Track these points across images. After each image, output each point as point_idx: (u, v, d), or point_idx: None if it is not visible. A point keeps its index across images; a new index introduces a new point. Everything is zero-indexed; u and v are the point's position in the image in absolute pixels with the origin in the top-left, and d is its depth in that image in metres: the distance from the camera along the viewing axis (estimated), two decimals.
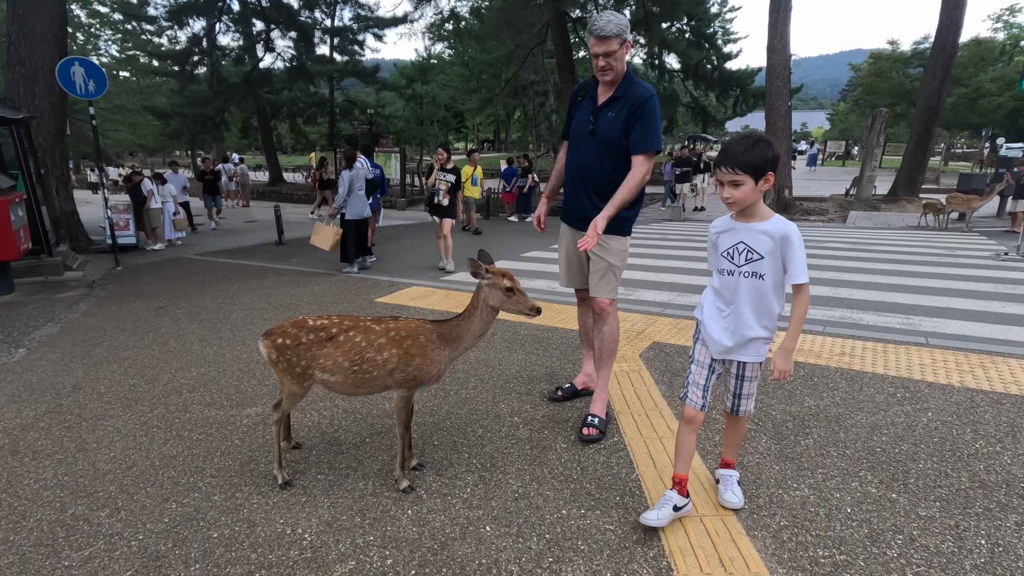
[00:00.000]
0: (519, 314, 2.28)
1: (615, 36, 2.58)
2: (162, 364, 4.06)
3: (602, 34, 2.58)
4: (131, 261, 8.68)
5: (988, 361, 3.75)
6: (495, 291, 2.26)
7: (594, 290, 2.91)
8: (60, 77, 7.52)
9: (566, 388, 3.31)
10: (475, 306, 2.31)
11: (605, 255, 2.84)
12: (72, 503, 2.39)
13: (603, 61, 2.64)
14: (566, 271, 3.14)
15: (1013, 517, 2.15)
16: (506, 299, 2.25)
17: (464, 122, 50.05)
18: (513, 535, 2.12)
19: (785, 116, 14.19)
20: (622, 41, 2.61)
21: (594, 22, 2.59)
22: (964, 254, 8.25)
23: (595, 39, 2.60)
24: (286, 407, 2.44)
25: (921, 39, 31.45)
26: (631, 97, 2.66)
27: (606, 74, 2.68)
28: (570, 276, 3.13)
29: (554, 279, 6.72)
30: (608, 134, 2.72)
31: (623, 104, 2.68)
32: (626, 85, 2.70)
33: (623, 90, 2.70)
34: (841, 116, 55.28)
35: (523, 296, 2.27)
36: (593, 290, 2.92)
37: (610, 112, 2.72)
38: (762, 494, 2.34)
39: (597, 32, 2.59)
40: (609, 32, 2.57)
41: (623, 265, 2.91)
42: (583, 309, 3.23)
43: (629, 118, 2.66)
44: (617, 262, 2.86)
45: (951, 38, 14.49)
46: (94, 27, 25.92)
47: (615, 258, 2.85)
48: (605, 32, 2.57)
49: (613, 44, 2.59)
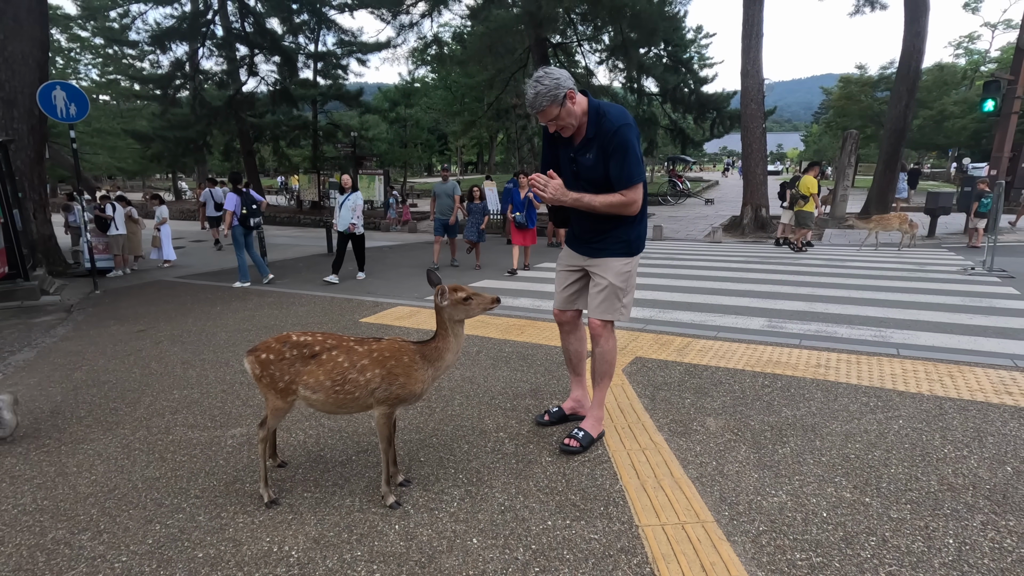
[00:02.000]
0: (484, 313, 2.42)
1: (547, 106, 2.50)
2: (143, 387, 4.02)
3: (535, 110, 2.54)
4: (110, 285, 8.58)
5: (956, 370, 3.89)
6: (457, 306, 2.35)
7: (593, 312, 2.83)
8: (41, 101, 7.51)
9: (554, 412, 3.22)
10: (444, 325, 2.38)
11: (604, 274, 2.78)
12: (52, 527, 2.36)
13: (553, 127, 2.62)
14: (561, 294, 3.03)
15: (979, 517, 2.24)
16: (468, 307, 2.36)
17: (447, 144, 50.50)
18: (500, 546, 2.14)
19: (760, 138, 14.63)
20: (560, 101, 2.51)
21: (524, 99, 2.56)
22: (933, 269, 8.53)
23: (534, 113, 2.57)
24: (271, 424, 2.45)
25: (887, 64, 32.75)
26: (604, 134, 2.57)
27: (565, 132, 2.64)
28: (565, 299, 3.02)
29: (538, 297, 6.80)
30: (592, 176, 2.66)
31: (598, 144, 2.60)
32: (594, 123, 2.60)
33: (593, 130, 2.61)
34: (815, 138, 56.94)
35: (479, 297, 2.38)
36: (592, 312, 2.83)
37: (588, 154, 2.65)
38: (742, 501, 2.40)
39: (530, 110, 2.56)
40: (539, 106, 2.51)
41: (627, 287, 2.81)
42: (565, 333, 3.11)
43: (606, 157, 2.59)
44: (619, 283, 2.77)
45: (914, 64, 15.16)
46: (74, 51, 25.85)
47: (616, 279, 2.77)
48: (537, 108, 2.52)
49: (551, 112, 2.52)
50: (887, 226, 11.25)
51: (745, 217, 14.90)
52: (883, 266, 8.92)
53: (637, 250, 2.83)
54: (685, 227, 16.56)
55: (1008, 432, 2.96)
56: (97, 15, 21.62)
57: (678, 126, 23.81)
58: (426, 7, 19.07)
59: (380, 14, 19.50)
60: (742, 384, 3.74)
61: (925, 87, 27.60)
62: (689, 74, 21.83)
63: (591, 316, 2.86)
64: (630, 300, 2.87)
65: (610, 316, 2.81)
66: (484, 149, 54.06)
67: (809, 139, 63.15)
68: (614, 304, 2.80)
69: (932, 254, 10.54)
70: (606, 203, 2.63)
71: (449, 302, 2.34)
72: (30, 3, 8.65)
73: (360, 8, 20.17)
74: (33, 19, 8.71)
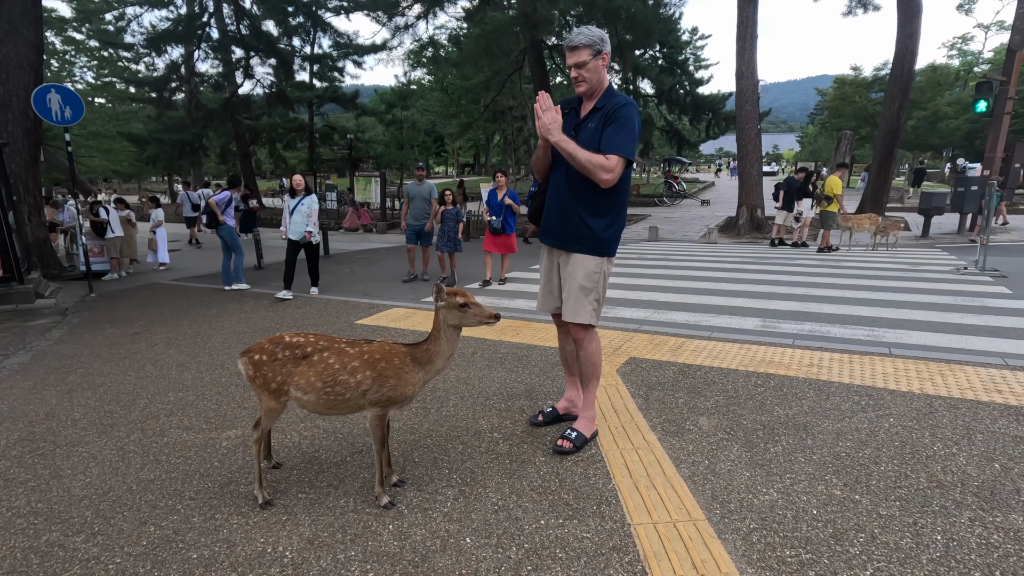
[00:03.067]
0: (480, 325, 2.35)
1: (585, 46, 2.60)
2: (138, 390, 4.02)
3: (571, 44, 2.63)
4: (105, 288, 8.57)
5: (946, 369, 3.93)
6: (452, 310, 2.33)
7: (566, 314, 2.82)
8: (36, 104, 7.50)
9: (547, 412, 3.23)
10: (438, 328, 2.37)
11: (574, 274, 2.76)
12: (46, 530, 2.36)
13: (575, 72, 2.66)
14: (543, 295, 3.05)
15: (967, 513, 2.27)
16: (463, 314, 2.32)
17: (444, 146, 50.56)
18: (493, 545, 2.16)
19: (755, 139, 14.69)
20: (595, 52, 2.62)
21: (569, 36, 2.66)
22: (926, 269, 8.59)
23: (567, 50, 2.66)
24: (265, 425, 2.46)
25: (881, 65, 32.93)
26: (610, 106, 2.65)
27: (580, 85, 2.70)
28: (544, 299, 3.04)
29: (532, 298, 6.81)
30: (589, 145, 2.64)
31: (602, 114, 2.66)
32: (606, 97, 2.69)
33: (603, 101, 2.68)
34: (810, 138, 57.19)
35: (478, 307, 2.34)
36: (565, 314, 2.83)
37: (590, 123, 2.69)
38: (733, 499, 2.42)
39: (567, 43, 2.66)
40: (578, 42, 2.61)
41: (598, 288, 2.78)
42: (562, 335, 3.14)
43: (605, 124, 2.63)
44: (588, 284, 2.74)
45: (907, 65, 15.24)
46: (69, 54, 25.79)
47: (586, 280, 2.75)
48: (574, 42, 2.62)
49: (583, 55, 2.61)
50: (859, 226, 11.35)
51: (741, 218, 14.96)
52: (877, 266, 8.97)
53: (607, 251, 2.79)
54: (681, 228, 16.61)
55: (997, 429, 2.99)
56: (92, 18, 21.59)
57: (674, 127, 23.90)
58: (421, 9, 19.11)
59: (376, 16, 19.53)
60: (735, 384, 3.77)
61: (919, 88, 27.78)
62: (684, 76, 21.94)
63: (564, 318, 2.87)
64: (600, 303, 2.83)
65: (583, 318, 2.78)
66: (481, 151, 54.10)
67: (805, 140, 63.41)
68: (584, 304, 2.77)
69: (926, 254, 10.60)
70: (587, 157, 2.57)
71: (444, 303, 2.33)
72: (24, 6, 8.64)
73: (356, 10, 20.21)
74: (27, 22, 8.71)
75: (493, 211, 7.78)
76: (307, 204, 7.08)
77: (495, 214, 7.73)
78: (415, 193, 8.36)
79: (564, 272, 2.86)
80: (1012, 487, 2.45)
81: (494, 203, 7.84)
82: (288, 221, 7.16)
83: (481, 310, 2.34)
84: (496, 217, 7.74)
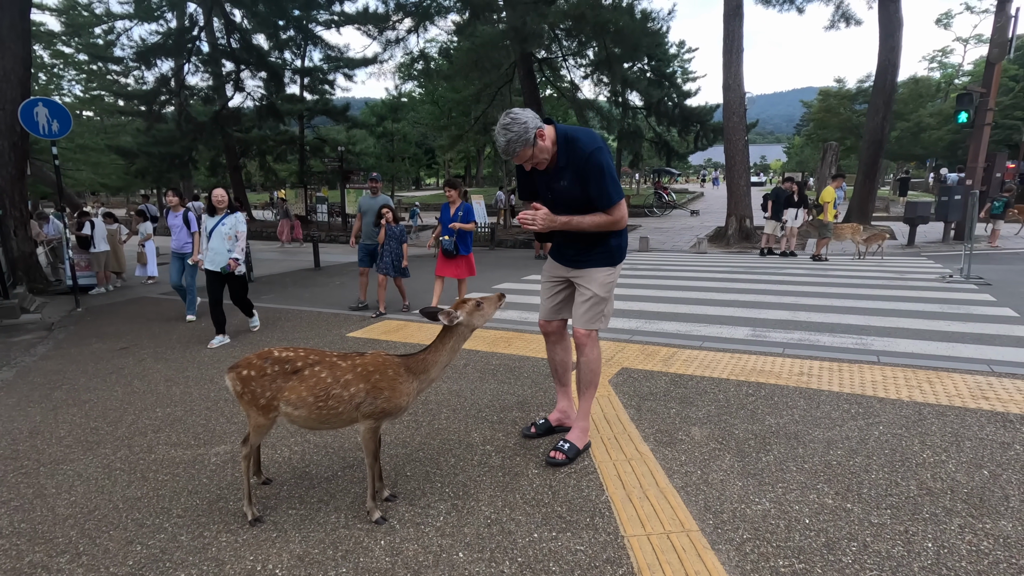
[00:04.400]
0: (497, 307, 2.55)
1: (521, 146, 2.53)
2: (125, 405, 3.97)
3: (506, 157, 2.62)
4: (92, 302, 8.47)
5: (934, 376, 3.97)
6: (474, 315, 2.45)
7: (578, 322, 2.86)
8: (23, 117, 7.46)
9: (540, 424, 3.22)
10: (445, 339, 2.43)
11: (589, 285, 2.83)
12: (29, 550, 2.31)
13: (528, 165, 2.67)
14: (547, 305, 3.08)
15: (957, 521, 2.28)
16: (483, 312, 2.48)
17: (435, 158, 50.74)
18: (486, 560, 2.14)
19: (743, 150, 14.89)
20: (531, 143, 2.54)
21: (496, 145, 2.61)
22: (913, 277, 8.70)
23: (512, 159, 2.62)
24: (254, 441, 2.43)
25: (864, 77, 33.58)
26: (576, 160, 2.61)
27: (541, 165, 2.68)
28: (551, 310, 3.06)
29: (525, 310, 6.82)
30: (570, 199, 2.69)
31: (570, 171, 2.65)
32: (564, 152, 2.63)
33: (564, 158, 2.65)
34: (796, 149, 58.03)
35: (487, 298, 2.52)
36: (578, 322, 2.87)
37: (563, 181, 2.69)
38: (726, 509, 2.42)
39: (502, 156, 2.64)
40: (511, 152, 2.56)
41: (608, 296, 2.86)
42: (550, 344, 3.15)
43: (583, 181, 2.63)
44: (603, 293, 2.83)
45: (890, 77, 15.55)
46: (58, 67, 25.68)
47: (600, 289, 2.82)
48: (508, 154, 2.58)
49: (525, 154, 2.57)
50: (839, 236, 11.52)
51: (730, 228, 15.10)
52: (864, 275, 9.07)
53: (620, 259, 2.90)
54: (671, 238, 16.73)
55: (985, 436, 3.02)
56: (81, 32, 21.56)
57: (663, 139, 24.18)
58: (412, 23, 19.28)
59: (367, 30, 19.67)
60: (727, 393, 3.78)
61: (901, 100, 28.35)
62: (672, 88, 22.26)
63: (576, 326, 2.89)
64: (611, 309, 2.95)
65: (594, 325, 2.86)
66: (472, 163, 54.34)
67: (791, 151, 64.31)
68: (599, 313, 2.86)
69: (912, 262, 10.74)
70: (595, 223, 2.69)
71: (465, 315, 2.42)
72: (12, 20, 8.62)
73: (346, 24, 20.33)
74: (15, 36, 8.68)
75: (445, 230, 6.50)
76: (230, 225, 5.53)
77: (447, 232, 6.46)
78: (368, 207, 7.14)
79: (579, 285, 2.90)
80: (1001, 493, 2.47)
81: (446, 220, 6.52)
82: (204, 246, 5.64)
83: (490, 299, 2.51)
84: (449, 237, 6.44)
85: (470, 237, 6.70)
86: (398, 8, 18.91)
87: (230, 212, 5.64)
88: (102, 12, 20.88)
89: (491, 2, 16.96)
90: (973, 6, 35.13)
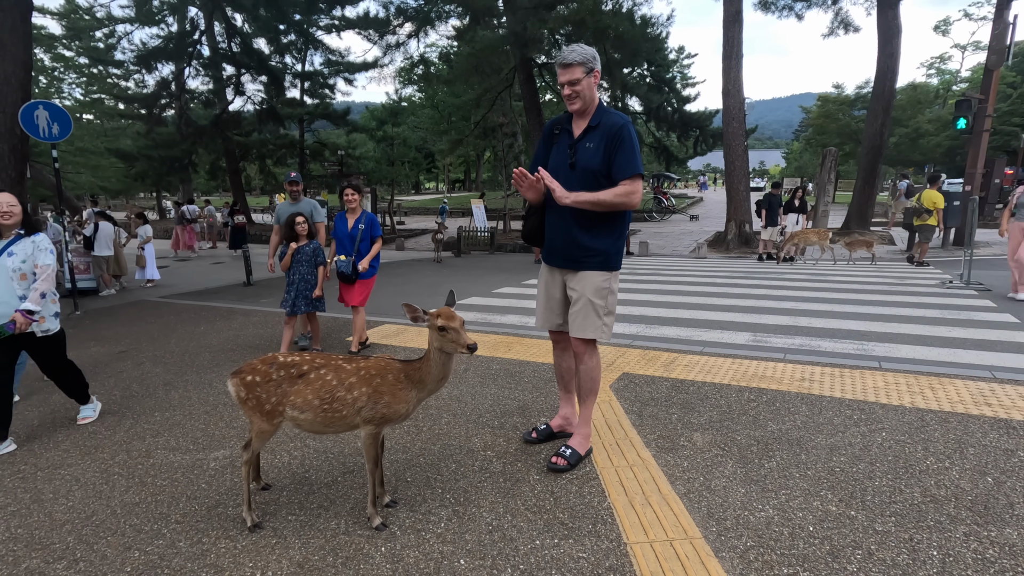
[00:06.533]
0: (456, 351, 2.22)
1: (578, 64, 2.62)
2: (124, 409, 3.94)
3: (564, 62, 2.64)
4: (91, 305, 8.44)
5: (936, 382, 3.96)
6: (432, 332, 2.23)
7: (574, 330, 2.81)
8: (23, 121, 7.46)
9: (541, 430, 3.18)
10: (430, 348, 2.30)
11: (583, 290, 2.76)
12: (26, 556, 2.29)
13: (568, 89, 2.67)
14: (543, 312, 3.03)
15: (962, 528, 2.27)
16: (442, 338, 2.21)
17: (435, 162, 50.81)
18: (487, 567, 2.12)
19: (742, 155, 14.91)
20: (588, 70, 2.64)
21: (560, 53, 2.67)
22: (913, 283, 8.70)
23: (560, 68, 2.67)
24: (256, 446, 2.41)
25: (863, 83, 33.70)
26: (606, 126, 2.66)
27: (573, 103, 2.70)
28: (547, 317, 3.02)
29: (525, 314, 6.81)
30: (589, 164, 2.68)
31: (599, 133, 2.67)
32: (600, 114, 2.71)
33: (597, 119, 2.70)
34: (795, 155, 58.19)
35: (457, 333, 2.19)
36: (573, 330, 2.81)
37: (588, 143, 2.70)
38: (729, 517, 2.40)
39: (560, 60, 2.67)
40: (571, 60, 2.63)
41: (607, 304, 2.79)
42: (558, 351, 3.11)
43: (608, 147, 2.64)
44: (597, 299, 2.75)
45: (888, 83, 15.61)
46: (58, 71, 25.73)
47: (596, 295, 2.75)
48: (567, 60, 2.64)
49: (576, 72, 2.63)
50: (806, 241, 11.54)
51: (729, 233, 15.12)
52: (864, 280, 9.07)
53: (616, 265, 2.83)
54: (671, 243, 16.74)
55: (988, 443, 3.01)
56: (82, 35, 21.60)
57: (662, 144, 24.24)
58: (412, 28, 19.33)
59: (367, 35, 19.74)
60: (728, 399, 3.77)
61: (900, 106, 28.42)
62: (672, 93, 22.32)
63: (571, 334, 2.85)
64: (611, 318, 2.85)
65: (591, 334, 2.78)
66: (471, 167, 54.43)
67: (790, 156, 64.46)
68: (593, 321, 2.77)
69: (911, 268, 10.74)
70: (612, 197, 2.63)
71: (427, 323, 2.24)
72: (13, 23, 8.62)
73: (347, 29, 20.41)
74: (16, 39, 8.67)
75: (341, 246, 5.10)
76: (23, 255, 3.37)
77: (345, 251, 5.06)
78: (288, 216, 5.30)
79: (572, 289, 2.85)
80: (1006, 501, 2.45)
81: (342, 233, 5.09)
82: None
83: (459, 336, 2.18)
84: (346, 257, 5.02)
85: (376, 259, 5.21)
86: (399, 13, 18.99)
87: (26, 234, 3.43)
88: (103, 16, 20.92)
89: (491, 7, 17.03)
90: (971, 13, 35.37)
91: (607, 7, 16.67)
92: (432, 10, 18.64)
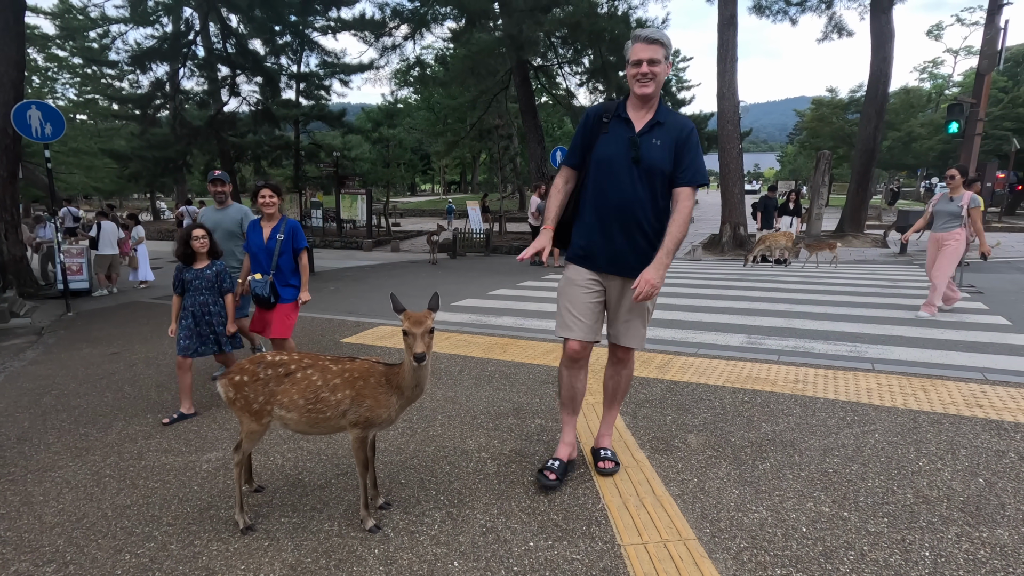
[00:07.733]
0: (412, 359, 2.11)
1: (662, 44, 2.42)
2: (116, 411, 3.91)
3: (651, 37, 2.42)
4: (83, 307, 8.38)
5: (928, 384, 3.98)
6: (413, 339, 2.09)
7: (632, 341, 2.66)
8: (15, 121, 7.40)
9: (556, 468, 2.72)
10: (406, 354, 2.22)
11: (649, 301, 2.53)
12: (15, 560, 2.26)
13: (646, 67, 2.40)
14: (588, 322, 2.63)
15: (954, 529, 2.28)
16: (404, 341, 2.13)
17: (431, 164, 50.80)
18: (481, 569, 2.11)
19: (737, 158, 14.98)
20: (667, 55, 2.44)
21: (642, 30, 2.49)
22: (905, 285, 8.75)
23: (642, 43, 2.41)
24: (246, 447, 2.40)
25: (856, 87, 33.94)
26: (676, 125, 2.48)
27: (646, 85, 2.43)
28: (592, 329, 2.65)
29: (520, 316, 6.81)
30: (659, 164, 2.46)
31: (666, 131, 2.47)
32: (665, 111, 2.53)
33: (664, 116, 2.50)
34: (790, 158, 58.49)
35: (413, 339, 2.08)
36: (631, 341, 2.66)
37: (655, 139, 2.47)
38: (723, 518, 2.40)
39: (644, 36, 2.43)
40: (658, 36, 2.42)
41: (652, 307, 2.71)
42: (576, 370, 2.73)
43: (678, 148, 2.46)
44: (651, 305, 2.66)
45: (882, 87, 15.73)
46: (51, 71, 25.58)
47: (652, 302, 2.62)
48: (654, 36, 2.42)
49: (659, 51, 2.41)
50: (775, 243, 11.64)
51: (724, 235, 15.17)
52: (857, 282, 9.12)
53: None
54: None
55: (980, 444, 3.02)
56: (76, 35, 21.48)
57: None
58: (409, 30, 19.35)
59: (363, 36, 19.72)
60: (722, 400, 3.78)
61: (893, 110, 28.62)
62: (667, 96, 22.39)
63: (623, 343, 2.68)
64: None
65: (639, 343, 2.69)
66: (467, 169, 54.43)
67: (785, 159, 64.82)
68: (643, 329, 2.68)
69: (904, 271, 10.81)
70: (682, 221, 2.44)
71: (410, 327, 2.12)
72: (6, 23, 8.58)
73: (343, 30, 20.36)
74: (9, 38, 8.64)
75: (256, 262, 4.03)
76: None
77: (261, 268, 3.99)
78: (215, 224, 4.55)
79: (627, 297, 2.59)
80: (997, 502, 2.47)
81: (257, 246, 4.01)
82: None
83: (413, 342, 2.08)
84: (262, 276, 3.96)
85: (297, 278, 4.12)
86: (395, 15, 19.00)
87: None
88: (97, 16, 20.79)
89: (487, 10, 17.07)
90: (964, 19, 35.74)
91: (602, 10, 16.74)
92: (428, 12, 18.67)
